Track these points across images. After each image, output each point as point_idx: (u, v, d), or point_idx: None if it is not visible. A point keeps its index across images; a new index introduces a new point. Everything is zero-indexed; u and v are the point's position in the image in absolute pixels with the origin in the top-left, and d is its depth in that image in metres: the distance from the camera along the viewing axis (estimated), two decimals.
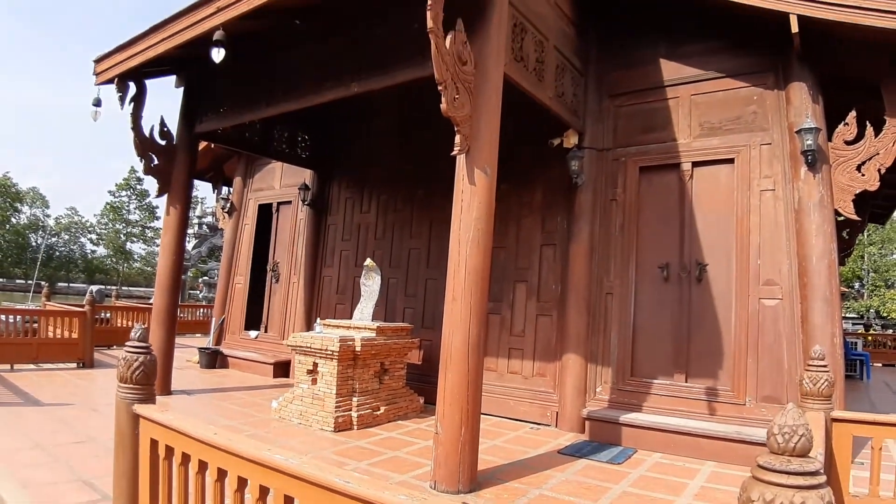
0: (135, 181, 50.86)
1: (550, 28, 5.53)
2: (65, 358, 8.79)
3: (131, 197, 51.71)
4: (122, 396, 2.56)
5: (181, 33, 5.79)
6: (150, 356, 2.61)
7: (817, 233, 5.15)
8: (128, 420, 2.54)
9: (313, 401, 5.84)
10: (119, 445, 2.57)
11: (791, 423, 1.41)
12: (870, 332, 22.07)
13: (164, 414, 2.42)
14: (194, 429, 2.20)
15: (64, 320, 9.29)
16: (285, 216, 9.85)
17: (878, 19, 4.55)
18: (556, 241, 6.57)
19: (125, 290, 38.60)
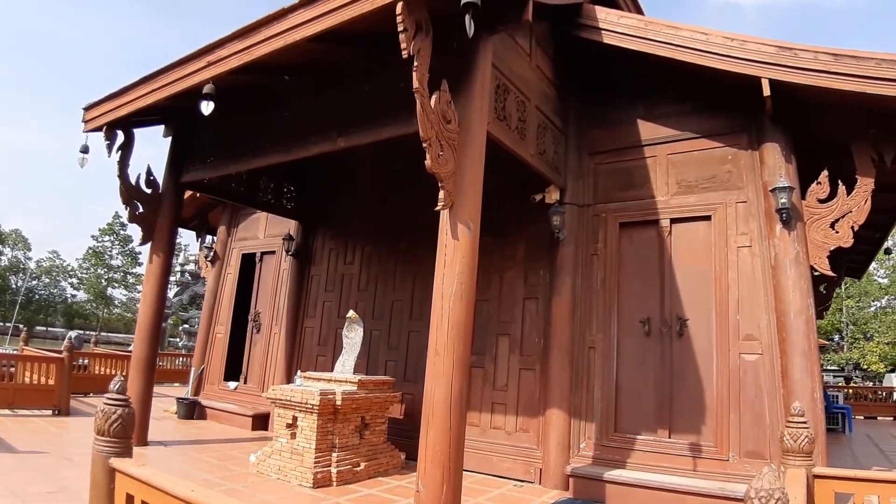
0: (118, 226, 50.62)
1: (532, 89, 5.74)
2: (41, 404, 8.59)
3: (114, 242, 51.37)
4: (98, 449, 2.51)
5: (171, 85, 5.90)
6: (128, 409, 2.57)
7: (794, 289, 5.25)
8: (104, 473, 2.48)
9: (292, 455, 5.69)
10: (94, 499, 2.51)
11: (767, 487, 1.42)
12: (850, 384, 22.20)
13: (142, 469, 2.37)
14: (171, 485, 2.16)
15: (41, 366, 9.08)
16: (268, 266, 9.82)
17: (845, 83, 4.76)
18: (539, 295, 6.61)
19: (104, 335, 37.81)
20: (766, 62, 5.06)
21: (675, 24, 5.48)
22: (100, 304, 51.20)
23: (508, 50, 5.34)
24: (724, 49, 5.24)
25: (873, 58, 4.69)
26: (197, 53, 5.62)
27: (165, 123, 7.46)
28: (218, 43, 5.41)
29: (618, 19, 5.79)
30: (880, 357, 31.60)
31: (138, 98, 6.25)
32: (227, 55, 5.31)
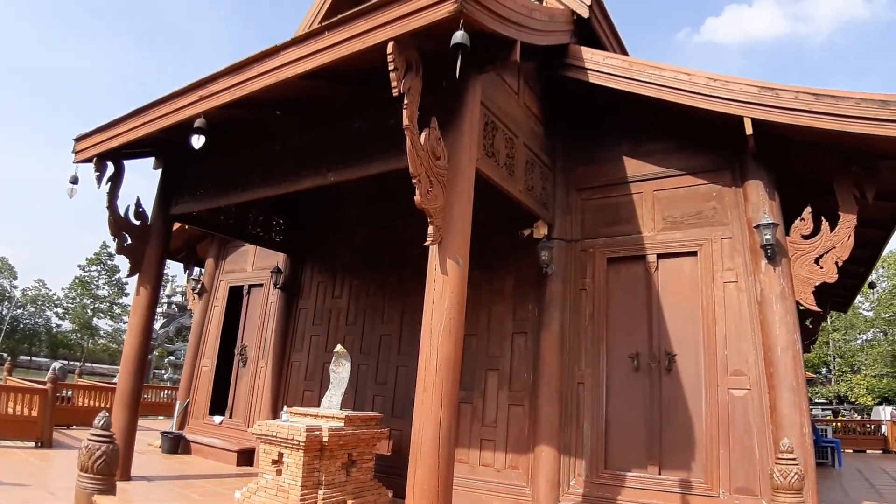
0: (106, 256, 50.27)
1: (520, 126, 5.84)
2: (23, 436, 8.44)
3: (101, 272, 50.92)
4: (82, 486, 2.46)
5: (163, 118, 5.93)
6: (112, 446, 2.53)
7: (780, 324, 5.28)
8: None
9: (277, 492, 5.56)
10: None
11: None
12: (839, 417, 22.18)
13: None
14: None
15: (24, 397, 8.92)
16: (256, 299, 9.76)
17: (826, 122, 4.87)
18: (528, 330, 6.60)
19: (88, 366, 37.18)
20: (748, 102, 5.19)
21: (659, 65, 5.62)
22: (85, 335, 50.49)
23: (497, 88, 5.45)
24: (706, 89, 5.37)
25: (852, 97, 4.82)
26: (189, 88, 5.67)
27: (156, 156, 7.47)
28: (210, 78, 5.47)
29: (603, 59, 5.94)
30: (868, 390, 31.75)
31: (129, 130, 6.26)
32: (219, 90, 5.36)
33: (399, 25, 4.06)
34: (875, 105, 4.72)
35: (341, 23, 4.41)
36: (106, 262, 50.54)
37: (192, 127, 5.35)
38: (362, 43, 4.25)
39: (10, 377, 11.73)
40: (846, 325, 35.96)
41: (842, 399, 34.44)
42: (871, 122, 4.72)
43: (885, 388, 31.62)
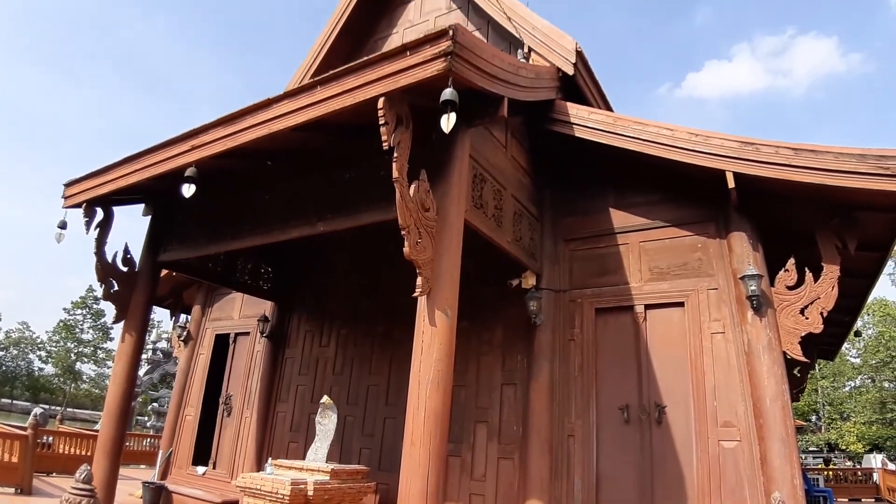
0: (91, 300, 49.56)
1: (508, 178, 5.94)
2: (2, 482, 8.23)
3: (86, 316, 50.08)
4: None
5: (154, 166, 5.93)
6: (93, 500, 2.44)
7: (768, 375, 5.28)
8: None
9: None
10: None
11: None
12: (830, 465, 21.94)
13: None
14: None
15: (4, 442, 8.67)
16: (242, 347, 9.63)
17: (806, 176, 4.96)
18: (517, 381, 6.54)
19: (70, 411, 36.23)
20: (729, 156, 5.31)
21: (642, 121, 5.78)
22: (67, 379, 49.29)
23: (485, 141, 5.56)
24: (688, 144, 5.51)
25: (831, 151, 4.92)
26: (181, 137, 5.72)
27: (146, 202, 7.47)
28: (203, 128, 5.53)
29: (588, 115, 6.10)
30: (858, 437, 31.52)
31: (120, 177, 6.26)
32: (211, 140, 5.41)
33: (390, 82, 4.16)
34: (853, 159, 4.83)
35: (333, 78, 4.51)
36: (91, 305, 49.81)
37: (183, 176, 5.37)
38: (353, 98, 4.34)
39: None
40: (834, 372, 35.97)
41: (832, 446, 34.15)
42: (849, 176, 4.81)
43: (874, 434, 31.44)
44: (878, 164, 4.72)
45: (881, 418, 31.51)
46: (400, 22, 9.41)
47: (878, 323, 32.52)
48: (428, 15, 9.05)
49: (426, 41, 4.11)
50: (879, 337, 32.08)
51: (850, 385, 36.45)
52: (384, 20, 9.62)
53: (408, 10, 9.40)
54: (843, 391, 36.34)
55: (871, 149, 4.79)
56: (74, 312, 49.88)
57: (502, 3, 7.62)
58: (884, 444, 31.46)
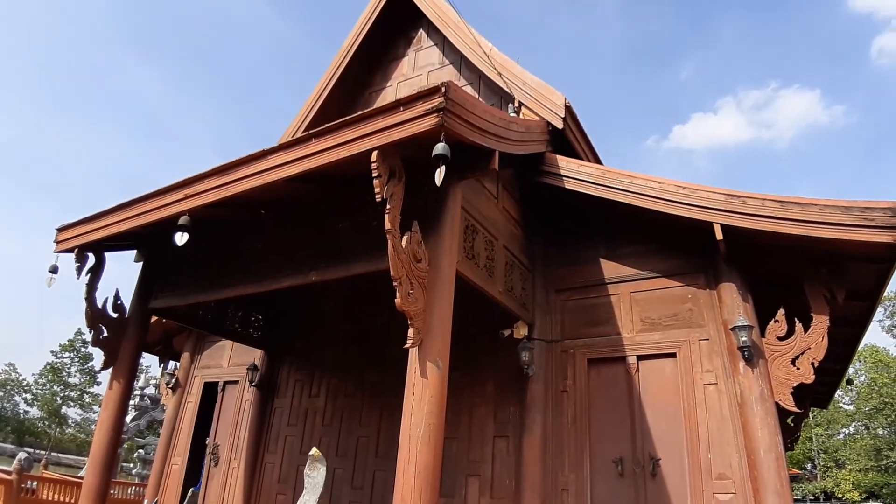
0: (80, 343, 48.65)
1: (500, 229, 6.00)
2: None
3: (74, 359, 49.08)
4: None
5: (148, 213, 5.93)
6: None
7: (762, 426, 5.24)
8: None
9: None
10: None
11: None
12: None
13: None
14: None
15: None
16: (231, 396, 9.46)
17: (792, 227, 5.04)
18: (510, 433, 6.44)
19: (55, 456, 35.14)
20: (716, 209, 5.40)
21: (630, 174, 5.89)
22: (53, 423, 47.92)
23: (477, 193, 5.64)
24: (676, 196, 5.60)
25: (816, 204, 5.01)
26: (175, 186, 5.75)
27: (138, 249, 7.44)
28: (197, 177, 5.57)
29: (577, 167, 6.21)
30: (854, 485, 31.00)
31: (113, 224, 6.24)
32: (205, 189, 5.44)
33: (383, 136, 4.24)
34: (838, 211, 4.91)
35: (328, 131, 4.59)
36: (80, 349, 48.88)
37: (176, 223, 5.38)
38: (347, 150, 4.41)
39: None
40: (828, 420, 35.68)
41: (829, 495, 33.56)
42: (834, 228, 4.89)
43: (870, 482, 30.95)
44: (863, 215, 4.80)
45: (876, 465, 31.09)
46: (394, 75, 9.66)
47: (870, 370, 32.48)
48: (421, 69, 9.30)
49: (419, 97, 4.21)
50: (872, 384, 31.98)
51: (844, 432, 36.13)
52: (378, 73, 9.88)
53: (402, 65, 9.66)
54: (837, 438, 35.98)
55: (856, 201, 4.88)
56: (62, 355, 48.95)
57: (493, 59, 7.85)
58: (880, 492, 30.95)
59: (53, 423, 48.03)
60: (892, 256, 4.94)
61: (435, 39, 9.38)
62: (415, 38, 9.72)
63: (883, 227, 4.70)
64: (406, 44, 9.80)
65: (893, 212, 4.69)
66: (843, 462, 34.07)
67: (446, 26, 8.74)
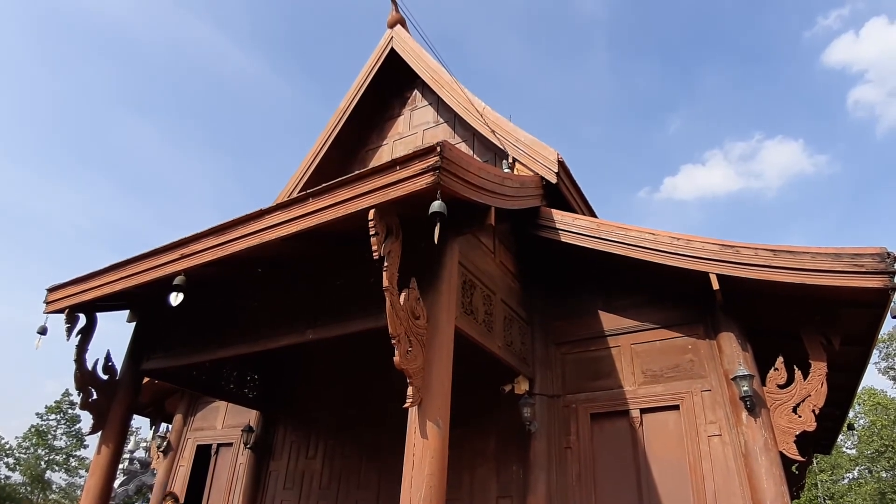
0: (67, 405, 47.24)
1: (497, 284, 6.02)
2: None
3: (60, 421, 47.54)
4: None
5: (141, 274, 5.88)
6: None
7: (767, 476, 5.13)
8: None
9: None
10: None
11: None
12: None
13: None
14: None
15: None
16: (224, 459, 9.20)
17: (785, 276, 5.10)
18: (513, 493, 6.25)
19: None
20: (711, 259, 5.45)
21: (625, 226, 5.96)
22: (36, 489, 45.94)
23: (474, 248, 5.68)
24: (671, 247, 5.66)
25: (808, 252, 5.09)
26: (170, 246, 5.74)
27: (131, 309, 7.36)
28: (193, 237, 5.57)
29: (573, 221, 6.29)
30: None
31: (105, 284, 6.17)
32: (201, 249, 5.43)
33: (380, 194, 4.29)
34: (828, 258, 4.98)
35: (326, 190, 4.64)
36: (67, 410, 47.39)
37: (171, 284, 5.35)
38: (345, 209, 4.45)
39: None
40: (832, 465, 34.96)
41: None
42: (826, 275, 4.95)
43: None
44: (853, 262, 4.88)
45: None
46: (390, 134, 9.87)
47: (869, 412, 32.07)
48: (416, 128, 9.52)
49: (415, 156, 4.28)
50: (872, 426, 31.51)
51: (848, 477, 35.32)
52: (374, 132, 10.09)
53: (397, 124, 9.89)
54: (842, 484, 35.15)
55: (845, 248, 4.96)
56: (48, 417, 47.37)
57: (486, 117, 8.05)
58: None
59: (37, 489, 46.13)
60: (882, 301, 4.98)
61: (429, 99, 9.64)
62: (410, 97, 9.99)
63: (872, 273, 4.77)
64: (401, 104, 10.06)
65: (881, 257, 4.77)
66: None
67: (440, 87, 8.99)
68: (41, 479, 45.74)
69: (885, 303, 4.95)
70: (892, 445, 29.93)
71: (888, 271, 4.74)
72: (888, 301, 4.87)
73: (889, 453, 30.23)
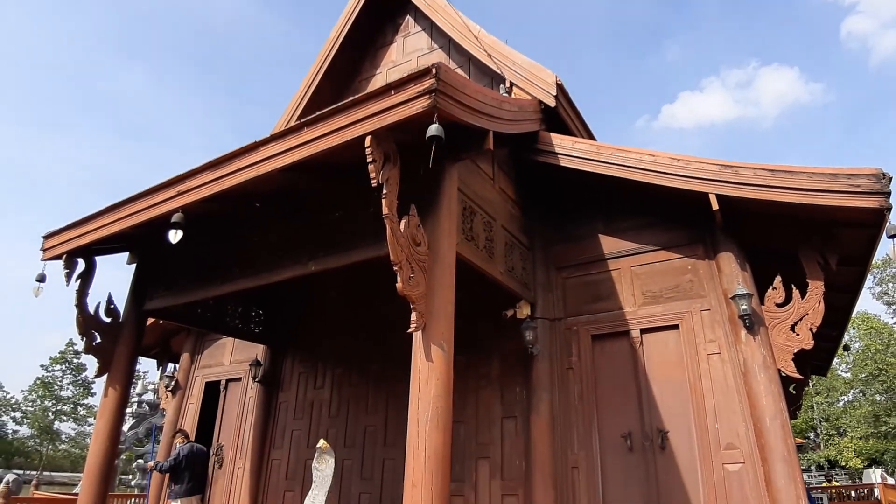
0: (71, 354, 47.77)
1: (497, 210, 5.98)
2: None
3: (66, 371, 48.17)
4: None
5: (138, 214, 5.82)
6: None
7: (766, 393, 5.26)
8: None
9: None
10: None
11: None
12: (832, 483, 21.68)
13: None
14: None
15: None
16: (233, 394, 9.43)
17: (783, 195, 5.08)
18: (517, 413, 6.45)
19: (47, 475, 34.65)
20: (710, 179, 5.41)
21: (625, 148, 5.87)
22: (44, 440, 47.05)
23: (473, 175, 5.61)
24: (671, 168, 5.60)
25: (805, 172, 5.06)
26: (167, 183, 5.66)
27: (130, 251, 7.34)
28: (189, 173, 5.48)
29: (572, 144, 6.19)
30: (856, 452, 31.40)
31: (102, 227, 6.12)
32: (198, 185, 5.36)
33: (376, 120, 4.19)
34: (826, 178, 4.96)
35: (320, 119, 4.53)
36: (72, 360, 47.90)
37: (169, 222, 5.30)
38: (340, 137, 4.36)
39: None
40: (828, 388, 36.05)
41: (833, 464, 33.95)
42: (823, 194, 4.94)
43: (871, 449, 31.33)
44: (849, 182, 4.87)
45: (876, 432, 31.45)
46: (383, 62, 9.58)
47: (864, 336, 32.83)
48: (410, 55, 9.23)
49: (410, 80, 4.16)
50: (866, 350, 32.31)
51: (843, 399, 36.50)
52: (367, 61, 9.79)
53: (390, 51, 9.58)
54: (837, 406, 36.38)
55: (842, 168, 4.95)
56: (53, 369, 47.82)
57: (482, 41, 7.78)
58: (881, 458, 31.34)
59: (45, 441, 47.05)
60: (878, 221, 4.99)
61: (422, 24, 9.31)
62: (402, 24, 9.64)
63: (868, 193, 4.77)
64: (394, 30, 9.71)
65: (877, 178, 4.76)
66: (845, 430, 34.43)
67: (433, 11, 8.68)
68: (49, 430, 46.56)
69: (881, 223, 4.97)
70: (886, 369, 30.78)
71: (883, 191, 4.74)
72: (884, 221, 4.90)
73: (882, 377, 31.14)
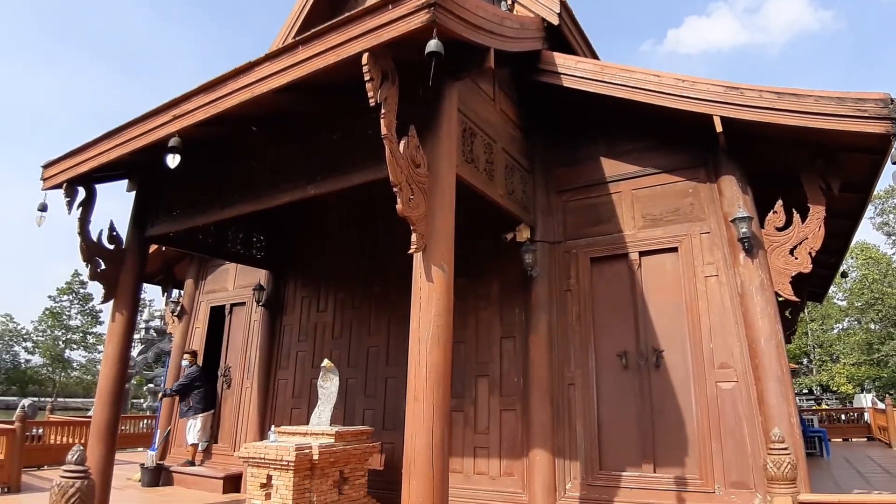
0: (78, 285, 48.57)
1: (498, 132, 5.88)
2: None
3: (73, 301, 49.13)
4: None
5: (136, 139, 5.78)
6: (87, 481, 2.40)
7: (762, 315, 5.36)
8: None
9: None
10: None
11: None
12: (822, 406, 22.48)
13: None
14: None
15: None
16: (238, 318, 9.62)
17: (788, 118, 5.01)
18: (516, 334, 6.60)
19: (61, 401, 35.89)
20: (715, 101, 5.31)
21: (629, 68, 5.71)
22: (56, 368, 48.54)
23: (473, 95, 5.48)
24: (675, 89, 5.47)
25: (811, 95, 4.97)
26: (163, 107, 5.57)
27: (129, 178, 7.28)
28: (184, 97, 5.38)
29: (575, 64, 6.01)
30: (848, 378, 32.34)
31: (101, 154, 6.09)
32: (193, 108, 5.28)
33: (373, 37, 4.06)
34: (832, 102, 4.88)
35: (315, 36, 4.40)
36: (78, 290, 48.78)
37: (167, 147, 5.25)
38: (337, 55, 4.23)
39: None
40: (823, 315, 36.65)
41: (824, 388, 35.04)
42: (829, 118, 4.88)
43: (863, 375, 32.25)
44: (856, 106, 4.79)
45: (869, 359, 32.25)
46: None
47: (862, 266, 33.08)
48: None
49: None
50: (863, 279, 32.65)
51: (838, 327, 37.21)
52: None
53: None
54: (831, 333, 37.10)
55: (850, 92, 4.87)
56: (60, 299, 48.77)
57: None
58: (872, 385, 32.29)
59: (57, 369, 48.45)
60: (883, 147, 4.95)
61: None
62: None
63: (875, 118, 4.70)
64: None
65: (885, 103, 4.69)
66: (838, 356, 35.26)
67: None
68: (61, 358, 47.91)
69: (886, 149, 4.93)
70: (882, 298, 31.20)
71: (890, 117, 4.67)
72: (889, 147, 4.84)
73: (878, 306, 31.61)
